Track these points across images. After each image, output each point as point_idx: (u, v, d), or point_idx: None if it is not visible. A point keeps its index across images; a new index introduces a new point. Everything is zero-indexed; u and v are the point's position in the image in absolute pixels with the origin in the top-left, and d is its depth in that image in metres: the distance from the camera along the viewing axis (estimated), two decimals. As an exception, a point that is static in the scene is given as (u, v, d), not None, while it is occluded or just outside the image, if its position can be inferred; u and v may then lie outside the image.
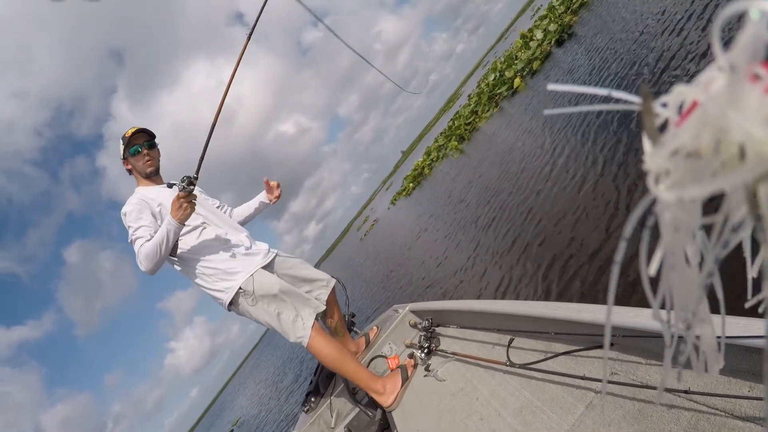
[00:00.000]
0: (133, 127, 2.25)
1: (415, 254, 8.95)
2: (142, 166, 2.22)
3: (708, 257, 0.22)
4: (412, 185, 22.74)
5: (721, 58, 0.20)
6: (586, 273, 3.15)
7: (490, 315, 1.80)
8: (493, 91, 15.78)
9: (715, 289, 0.25)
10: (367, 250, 20.57)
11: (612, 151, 4.23)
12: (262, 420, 13.02)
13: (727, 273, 0.25)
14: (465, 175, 10.59)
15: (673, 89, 0.22)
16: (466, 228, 6.92)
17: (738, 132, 0.20)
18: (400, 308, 2.54)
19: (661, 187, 0.21)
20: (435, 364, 1.97)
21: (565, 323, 1.34)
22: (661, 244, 0.23)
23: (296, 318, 2.08)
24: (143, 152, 2.21)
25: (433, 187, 15.24)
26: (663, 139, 0.22)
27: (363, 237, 31.36)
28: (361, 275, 14.80)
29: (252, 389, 29.01)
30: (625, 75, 5.73)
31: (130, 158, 2.22)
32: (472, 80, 42.60)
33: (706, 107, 0.20)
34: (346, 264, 26.30)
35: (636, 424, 1.00)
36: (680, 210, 0.21)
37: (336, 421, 2.21)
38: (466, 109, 18.80)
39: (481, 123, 15.13)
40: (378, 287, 9.86)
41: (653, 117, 0.22)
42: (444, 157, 18.50)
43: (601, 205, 3.67)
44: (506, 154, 8.21)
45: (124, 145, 2.21)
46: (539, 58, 13.14)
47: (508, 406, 1.40)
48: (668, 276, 0.23)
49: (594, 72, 7.14)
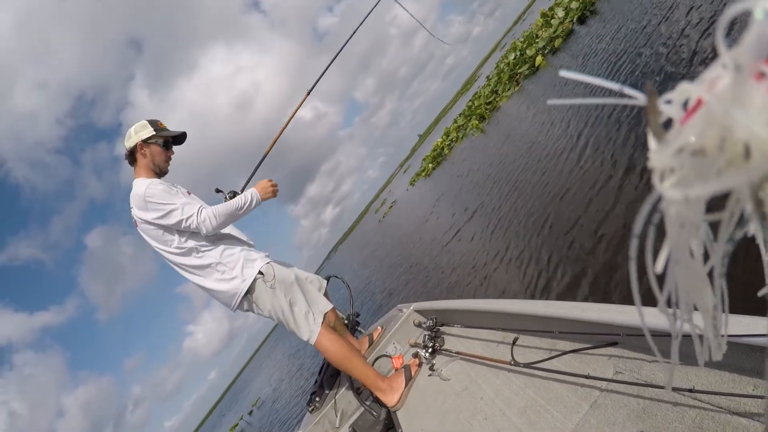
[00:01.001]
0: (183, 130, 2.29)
1: (436, 235, 8.76)
2: (163, 163, 2.19)
3: (715, 254, 0.22)
4: (431, 166, 22.21)
5: (726, 56, 0.20)
6: (604, 266, 3.09)
7: (494, 314, 1.80)
8: (514, 70, 15.42)
9: (719, 286, 0.25)
10: (386, 232, 20.32)
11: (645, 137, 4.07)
12: (279, 400, 12.98)
13: (730, 274, 0.25)
14: (486, 155, 10.34)
15: (678, 86, 0.22)
16: (488, 208, 6.76)
17: (743, 130, 0.20)
18: (404, 308, 2.54)
19: (666, 184, 0.22)
20: (439, 364, 1.98)
21: (569, 322, 1.34)
22: (666, 241, 0.23)
23: (308, 312, 2.10)
24: (171, 151, 2.23)
25: (454, 167, 14.86)
26: (668, 136, 0.22)
27: (382, 219, 30.98)
28: (378, 257, 14.76)
29: (270, 371, 29.00)
30: (650, 54, 5.49)
31: (155, 147, 2.16)
32: (489, 63, 41.87)
33: (711, 105, 0.20)
34: (363, 246, 26.08)
35: (640, 422, 1.00)
36: (685, 207, 0.21)
37: (341, 420, 2.21)
38: (486, 89, 18.34)
39: (501, 102, 14.80)
40: (397, 269, 9.74)
41: (658, 115, 0.22)
42: (464, 137, 18.11)
43: (629, 194, 3.52)
44: (528, 134, 7.97)
45: (155, 131, 2.15)
46: (561, 36, 12.83)
47: (512, 405, 1.40)
48: (674, 272, 0.23)
49: (617, 51, 6.91)
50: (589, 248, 3.37)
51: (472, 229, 6.66)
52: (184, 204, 2.00)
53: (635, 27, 7.12)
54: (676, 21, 5.59)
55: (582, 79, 0.25)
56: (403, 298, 7.15)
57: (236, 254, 2.12)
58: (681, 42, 4.91)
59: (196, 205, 2.02)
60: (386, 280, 9.80)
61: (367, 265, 16.03)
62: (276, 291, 2.09)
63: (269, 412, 13.65)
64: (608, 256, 3.11)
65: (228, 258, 2.10)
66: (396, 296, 7.64)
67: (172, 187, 2.10)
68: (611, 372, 1.18)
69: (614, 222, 3.37)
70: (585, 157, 4.78)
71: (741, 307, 0.72)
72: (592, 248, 3.34)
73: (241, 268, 2.09)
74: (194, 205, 2.01)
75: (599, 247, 3.28)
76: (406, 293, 7.31)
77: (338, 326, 2.48)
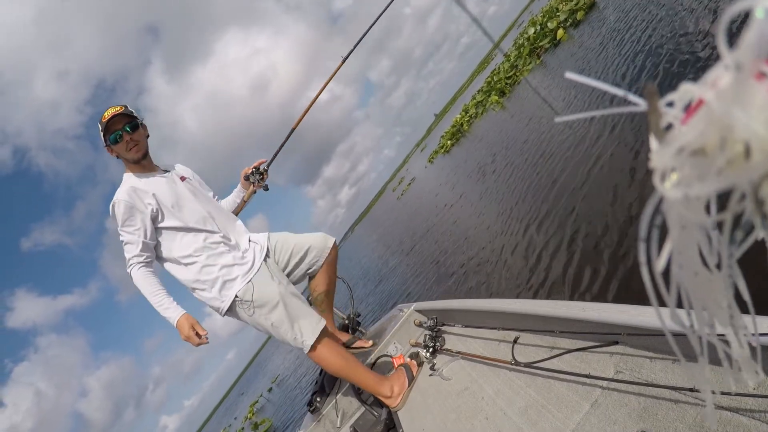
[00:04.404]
0: (111, 107, 1.96)
1: (455, 212, 8.61)
2: (128, 154, 1.97)
3: (721, 254, 0.22)
4: (450, 142, 21.63)
5: (727, 57, 0.20)
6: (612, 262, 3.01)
7: (495, 314, 1.80)
8: (534, 44, 15.09)
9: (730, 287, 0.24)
10: (405, 209, 20.02)
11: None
12: (297, 375, 12.88)
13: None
14: (507, 130, 10.09)
15: (680, 87, 0.22)
16: (509, 184, 6.59)
17: (743, 130, 0.20)
18: (404, 307, 2.54)
19: (667, 184, 0.22)
20: (440, 364, 1.98)
21: (569, 321, 1.34)
22: (668, 241, 0.23)
23: (295, 335, 1.94)
24: (125, 138, 1.94)
25: (473, 143, 14.55)
26: (669, 137, 0.22)
27: (400, 196, 30.46)
28: (395, 234, 14.56)
29: (288, 348, 28.78)
30: (679, 27, 5.24)
31: (113, 146, 1.96)
32: (506, 41, 41.04)
33: (712, 105, 0.20)
34: (378, 224, 25.49)
35: (641, 422, 1.00)
36: (686, 207, 0.21)
37: (342, 420, 2.21)
38: (506, 64, 17.90)
39: (522, 76, 14.50)
40: (418, 243, 9.62)
41: (659, 115, 0.22)
42: (484, 112, 17.73)
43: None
44: (548, 110, 7.80)
45: (103, 132, 1.94)
46: (583, 9, 12.65)
47: (513, 404, 1.40)
48: (678, 274, 0.23)
49: (642, 25, 6.70)
50: (616, 244, 3.18)
51: (489, 208, 6.53)
52: (129, 242, 1.88)
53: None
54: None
55: (586, 82, 0.25)
56: (425, 278, 6.98)
57: (214, 273, 1.94)
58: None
59: (134, 248, 1.88)
60: (410, 261, 9.51)
61: (386, 245, 15.82)
62: (254, 316, 1.95)
63: (288, 388, 13.50)
64: (614, 253, 3.05)
65: (206, 276, 1.95)
66: (421, 277, 7.34)
67: (134, 200, 1.89)
68: (612, 371, 1.18)
69: (621, 214, 3.30)
70: (604, 138, 4.64)
71: (742, 306, 0.71)
72: (618, 245, 3.15)
73: (219, 290, 1.94)
74: (132, 248, 1.88)
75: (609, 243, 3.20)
76: (430, 272, 7.09)
77: (323, 298, 2.35)
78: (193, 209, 2.02)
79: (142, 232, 1.89)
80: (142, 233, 1.89)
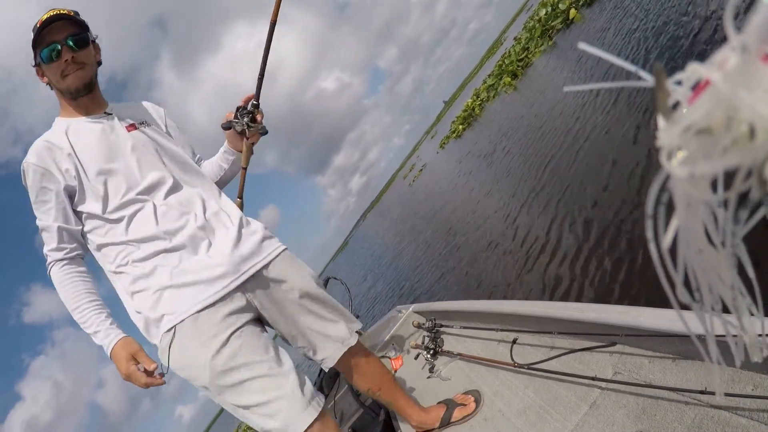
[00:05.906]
0: (49, 10, 1.28)
1: (470, 195, 8.59)
2: (62, 82, 1.28)
3: (725, 232, 0.23)
4: (462, 127, 21.31)
5: (734, 39, 0.21)
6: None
7: (493, 315, 1.81)
8: (546, 26, 14.78)
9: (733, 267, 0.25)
10: (418, 195, 19.97)
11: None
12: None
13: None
14: (520, 113, 9.89)
15: (687, 67, 0.22)
16: (523, 167, 6.48)
17: (748, 111, 0.20)
18: (403, 309, 2.54)
19: (673, 162, 0.22)
20: (439, 365, 1.98)
21: (568, 323, 1.35)
22: (674, 219, 0.23)
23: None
24: (65, 57, 1.25)
25: (486, 127, 14.33)
26: (675, 115, 0.22)
27: (412, 182, 30.38)
28: (406, 220, 14.50)
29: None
30: (700, 8, 4.96)
31: (45, 66, 1.28)
32: (515, 26, 40.56)
33: (718, 86, 0.21)
34: (387, 212, 25.13)
35: (639, 423, 1.00)
36: (692, 185, 0.22)
37: (340, 421, 2.21)
38: (517, 47, 17.60)
39: (534, 58, 14.37)
40: (431, 227, 9.64)
41: (666, 94, 0.22)
42: (496, 95, 17.45)
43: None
44: (562, 91, 7.54)
45: (33, 42, 1.26)
46: None
47: (512, 406, 1.40)
48: (684, 253, 0.24)
49: (658, 3, 6.48)
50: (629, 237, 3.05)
51: (515, 193, 6.40)
52: (43, 229, 1.26)
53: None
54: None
55: (600, 54, 0.26)
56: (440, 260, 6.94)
57: (146, 300, 1.24)
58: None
59: (50, 237, 1.25)
60: (425, 246, 9.44)
61: (399, 233, 15.87)
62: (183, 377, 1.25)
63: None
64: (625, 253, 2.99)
65: (140, 302, 1.25)
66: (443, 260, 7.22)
67: (46, 164, 1.25)
68: (610, 372, 1.18)
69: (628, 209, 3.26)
70: (619, 139, 4.47)
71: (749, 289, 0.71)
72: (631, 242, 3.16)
73: (145, 326, 1.24)
74: (48, 237, 1.26)
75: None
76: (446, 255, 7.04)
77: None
78: (133, 178, 1.29)
79: (59, 214, 1.25)
80: (60, 215, 1.26)
